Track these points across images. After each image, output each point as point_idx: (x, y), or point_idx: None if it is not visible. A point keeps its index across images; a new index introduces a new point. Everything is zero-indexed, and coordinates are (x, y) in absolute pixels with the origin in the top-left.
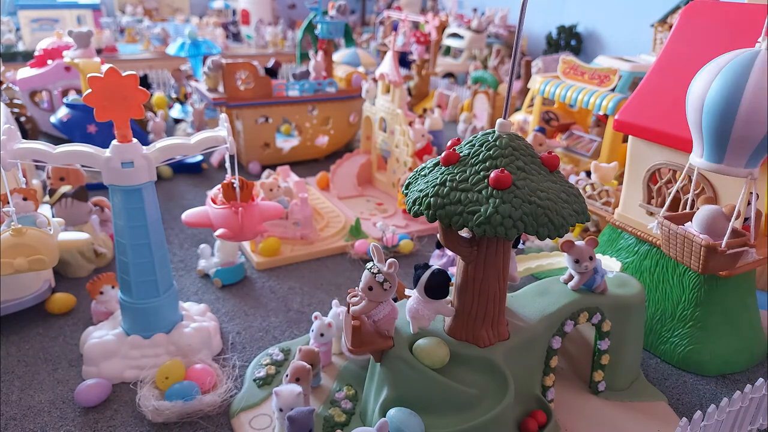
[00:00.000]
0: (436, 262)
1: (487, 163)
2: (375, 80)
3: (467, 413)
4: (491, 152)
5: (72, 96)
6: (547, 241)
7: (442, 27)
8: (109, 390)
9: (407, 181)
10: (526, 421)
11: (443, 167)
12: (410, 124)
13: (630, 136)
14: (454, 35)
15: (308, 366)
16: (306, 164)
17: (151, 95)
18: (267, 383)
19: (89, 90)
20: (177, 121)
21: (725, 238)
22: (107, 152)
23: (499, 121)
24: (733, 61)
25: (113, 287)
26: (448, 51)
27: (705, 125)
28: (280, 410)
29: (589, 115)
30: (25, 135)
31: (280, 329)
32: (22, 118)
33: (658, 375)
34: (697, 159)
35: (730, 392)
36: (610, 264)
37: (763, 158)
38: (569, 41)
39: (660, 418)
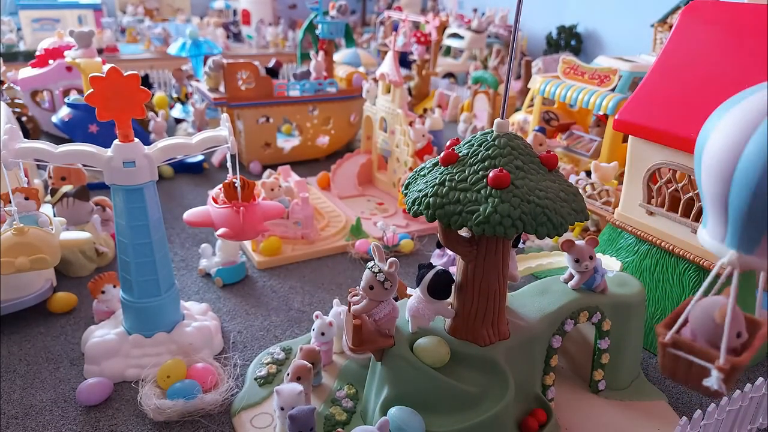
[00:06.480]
0: (436, 261)
1: (486, 163)
2: (375, 80)
3: (468, 412)
4: (490, 152)
5: (73, 96)
6: (548, 240)
7: (442, 27)
8: (110, 389)
9: (407, 182)
10: (526, 420)
11: (442, 167)
12: (411, 124)
13: (630, 136)
14: (455, 35)
15: (309, 365)
16: (307, 164)
17: (153, 95)
18: (268, 382)
19: (91, 90)
20: (178, 120)
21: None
22: (109, 152)
23: (497, 121)
24: None
25: (115, 286)
26: (448, 51)
27: (736, 202)
28: (282, 409)
29: (589, 115)
30: (27, 135)
31: (281, 328)
32: (24, 118)
33: (658, 374)
34: (714, 242)
35: (730, 391)
36: (610, 263)
37: None
38: (569, 41)
39: (660, 417)
